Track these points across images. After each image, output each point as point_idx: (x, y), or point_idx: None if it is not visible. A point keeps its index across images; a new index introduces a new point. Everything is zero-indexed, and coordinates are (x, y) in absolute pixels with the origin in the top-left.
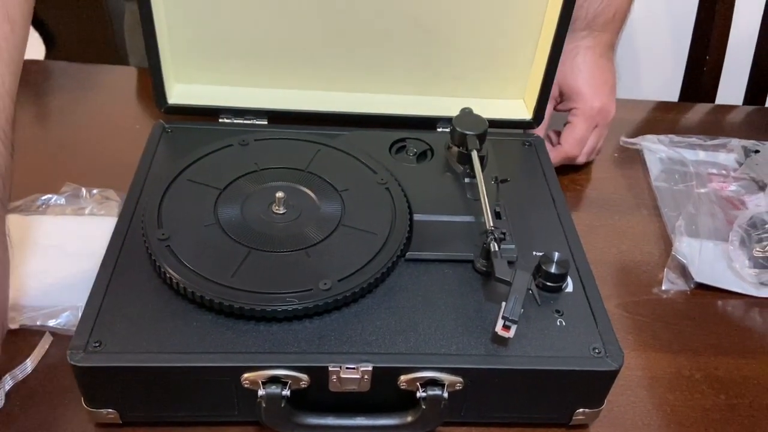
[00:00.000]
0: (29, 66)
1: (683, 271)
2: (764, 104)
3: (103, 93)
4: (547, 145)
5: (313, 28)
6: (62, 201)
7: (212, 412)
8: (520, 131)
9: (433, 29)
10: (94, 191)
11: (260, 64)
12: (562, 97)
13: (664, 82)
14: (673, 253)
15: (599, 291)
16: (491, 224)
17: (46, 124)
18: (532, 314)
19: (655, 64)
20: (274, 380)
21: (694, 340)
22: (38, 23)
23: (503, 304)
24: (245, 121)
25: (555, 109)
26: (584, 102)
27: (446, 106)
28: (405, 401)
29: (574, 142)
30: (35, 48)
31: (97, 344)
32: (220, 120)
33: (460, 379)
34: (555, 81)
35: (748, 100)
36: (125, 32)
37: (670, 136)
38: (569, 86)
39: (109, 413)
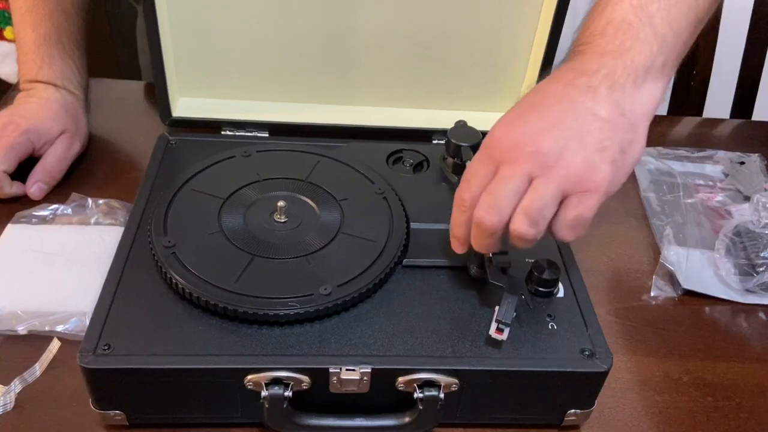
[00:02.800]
0: None
1: (671, 279)
2: (750, 118)
3: (108, 106)
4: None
5: (312, 44)
6: (69, 211)
7: (216, 414)
8: None
9: (429, 45)
10: (100, 201)
11: (261, 79)
12: None
13: None
14: (661, 260)
15: (589, 296)
16: None
17: None
18: (524, 318)
19: None
20: (276, 382)
21: (681, 344)
22: None
23: (497, 308)
24: (247, 134)
25: None
26: (489, 133)
27: (441, 119)
28: (403, 402)
29: (461, 182)
30: None
31: (106, 347)
32: (223, 132)
33: (456, 381)
34: None
35: (734, 114)
36: (138, 51)
37: (658, 148)
38: None
39: (116, 415)
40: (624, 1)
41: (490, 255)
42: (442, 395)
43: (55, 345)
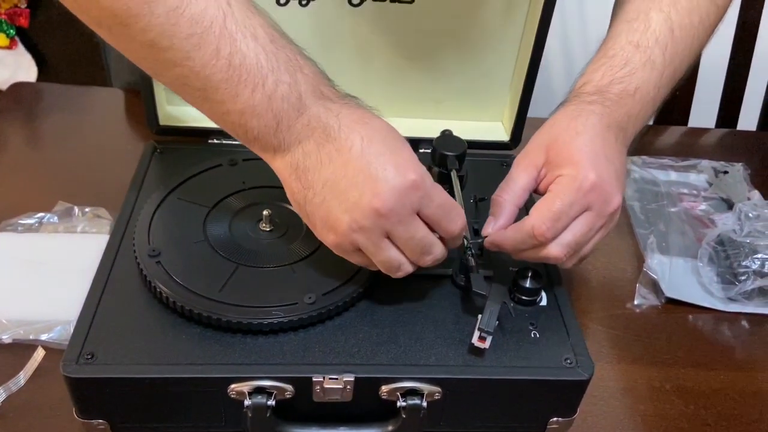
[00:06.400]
0: (21, 88)
1: (655, 287)
2: (735, 127)
3: (94, 114)
4: (501, 221)
5: None
6: (55, 219)
7: (200, 423)
8: (498, 152)
9: (415, 56)
10: (86, 210)
11: None
12: (547, 167)
13: None
14: (644, 269)
15: (572, 304)
16: (470, 241)
17: (39, 144)
18: (507, 326)
19: None
20: (259, 391)
21: (664, 352)
22: (31, 46)
23: (479, 316)
24: (234, 142)
25: (537, 189)
26: (575, 169)
27: (427, 128)
28: (386, 411)
29: (546, 213)
30: (28, 71)
31: (89, 356)
32: (210, 141)
33: (439, 389)
34: (541, 143)
35: (719, 124)
36: (112, 55)
37: (642, 157)
38: (559, 149)
39: (99, 424)
40: (648, 67)
41: (474, 264)
42: (425, 404)
43: (39, 354)
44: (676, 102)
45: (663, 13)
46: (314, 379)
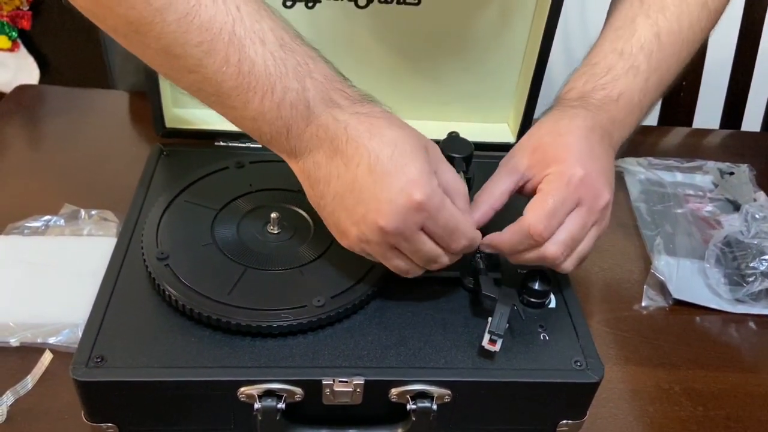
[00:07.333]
0: (24, 90)
1: (662, 289)
2: (739, 128)
3: (98, 116)
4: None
5: None
6: (61, 222)
7: (209, 426)
8: (505, 154)
9: (421, 57)
10: (93, 212)
11: None
12: (532, 169)
13: None
14: (652, 271)
15: (581, 307)
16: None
17: (43, 146)
18: (516, 329)
19: None
20: (269, 394)
21: (672, 354)
22: (33, 48)
23: (489, 319)
24: (240, 144)
25: (523, 191)
26: (562, 165)
27: (434, 130)
28: (396, 414)
29: (540, 212)
30: (30, 73)
31: (98, 359)
32: (216, 143)
33: (449, 392)
34: (525, 147)
35: (723, 124)
36: (117, 56)
37: (648, 158)
38: (545, 150)
39: (109, 428)
40: (632, 73)
41: (483, 266)
42: (435, 407)
43: (47, 357)
44: (681, 103)
45: (650, 19)
46: (324, 382)
